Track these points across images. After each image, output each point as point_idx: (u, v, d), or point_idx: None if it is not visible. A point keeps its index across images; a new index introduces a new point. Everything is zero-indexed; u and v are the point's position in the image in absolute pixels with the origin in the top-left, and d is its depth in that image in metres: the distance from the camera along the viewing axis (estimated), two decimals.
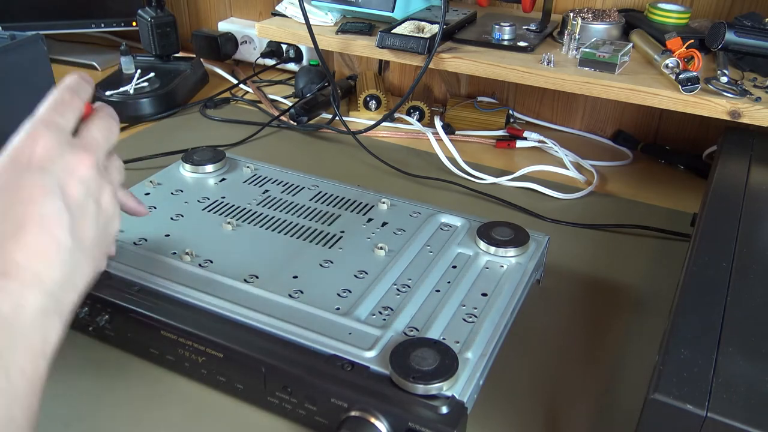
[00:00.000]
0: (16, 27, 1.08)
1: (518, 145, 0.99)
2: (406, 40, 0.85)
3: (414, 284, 0.56)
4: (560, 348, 0.59)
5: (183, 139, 0.98)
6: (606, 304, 0.66)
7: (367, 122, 1.01)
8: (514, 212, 0.81)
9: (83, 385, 0.53)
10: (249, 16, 1.30)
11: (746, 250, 0.49)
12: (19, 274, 0.35)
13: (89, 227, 0.41)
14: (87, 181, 0.41)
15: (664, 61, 0.77)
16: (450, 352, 0.47)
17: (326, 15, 0.96)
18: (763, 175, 0.63)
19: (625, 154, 0.98)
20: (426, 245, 0.62)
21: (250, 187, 0.72)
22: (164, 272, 0.56)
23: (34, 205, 0.37)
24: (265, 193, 0.70)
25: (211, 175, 0.74)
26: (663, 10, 0.89)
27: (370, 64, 1.18)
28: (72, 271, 0.39)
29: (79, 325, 0.57)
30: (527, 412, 0.53)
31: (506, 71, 0.82)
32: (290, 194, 0.70)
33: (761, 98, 0.72)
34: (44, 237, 0.37)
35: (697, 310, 0.43)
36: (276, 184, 0.72)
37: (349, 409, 0.45)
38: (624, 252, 0.74)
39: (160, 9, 1.13)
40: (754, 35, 0.71)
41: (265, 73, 1.24)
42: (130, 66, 1.11)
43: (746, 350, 0.39)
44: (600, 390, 0.55)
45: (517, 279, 0.58)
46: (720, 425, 0.35)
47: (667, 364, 0.38)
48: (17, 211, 0.37)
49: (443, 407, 0.43)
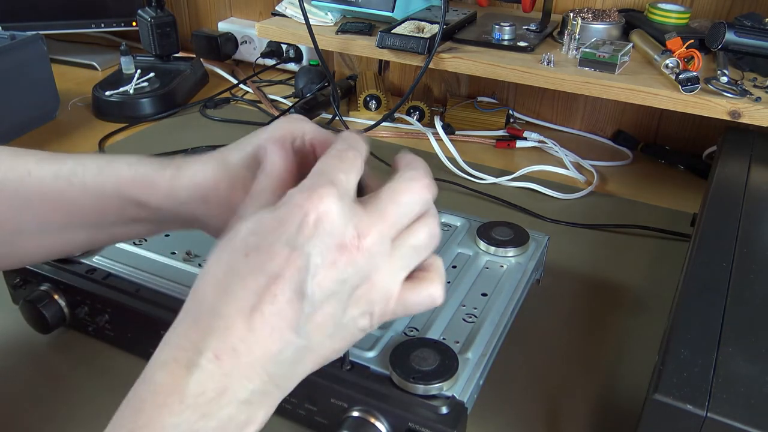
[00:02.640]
0: (16, 27, 1.08)
1: (518, 145, 0.99)
2: (406, 40, 0.85)
3: None
4: (560, 348, 0.59)
5: (183, 139, 0.98)
6: (606, 304, 0.66)
7: (367, 122, 1.01)
8: (514, 212, 0.81)
9: (83, 385, 0.53)
10: (249, 16, 1.30)
11: (746, 250, 0.49)
12: (233, 360, 0.30)
13: (327, 323, 0.33)
14: (348, 268, 0.32)
15: (664, 61, 0.77)
16: (450, 352, 0.47)
17: (326, 15, 0.96)
18: (763, 175, 0.63)
19: (625, 154, 0.98)
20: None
21: None
22: (164, 272, 0.56)
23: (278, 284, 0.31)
24: None
25: None
26: (663, 10, 0.89)
27: (370, 64, 1.18)
28: (289, 368, 0.33)
29: (79, 325, 0.57)
30: (527, 412, 0.53)
31: (506, 71, 0.82)
32: None
33: (761, 98, 0.72)
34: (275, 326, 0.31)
35: (697, 310, 0.43)
36: None
37: (349, 409, 0.45)
38: (624, 252, 0.74)
39: (160, 9, 1.13)
40: (754, 35, 0.71)
41: (265, 73, 1.24)
42: (130, 66, 1.11)
43: (746, 350, 0.39)
44: (600, 390, 0.55)
45: (517, 279, 0.58)
46: (720, 425, 0.35)
47: (667, 364, 0.38)
48: (257, 283, 0.31)
49: (443, 407, 0.43)
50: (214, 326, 0.31)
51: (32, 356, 0.56)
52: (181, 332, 0.32)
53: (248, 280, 0.31)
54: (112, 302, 0.54)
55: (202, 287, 0.33)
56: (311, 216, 0.31)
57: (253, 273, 0.31)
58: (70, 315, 0.57)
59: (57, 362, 0.56)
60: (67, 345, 0.58)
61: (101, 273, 0.56)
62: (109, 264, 0.57)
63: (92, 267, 0.56)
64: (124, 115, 1.04)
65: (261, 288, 0.31)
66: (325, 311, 0.32)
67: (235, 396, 0.31)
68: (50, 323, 0.56)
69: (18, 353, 0.56)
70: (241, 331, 0.31)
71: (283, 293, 0.31)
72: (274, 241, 0.31)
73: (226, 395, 0.30)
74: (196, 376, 0.30)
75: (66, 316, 0.57)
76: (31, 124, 1.00)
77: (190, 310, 0.33)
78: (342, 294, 0.32)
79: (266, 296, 0.31)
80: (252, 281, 0.31)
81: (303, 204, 0.31)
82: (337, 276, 0.32)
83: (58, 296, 0.56)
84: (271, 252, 0.31)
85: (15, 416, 0.51)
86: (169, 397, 0.30)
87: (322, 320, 0.32)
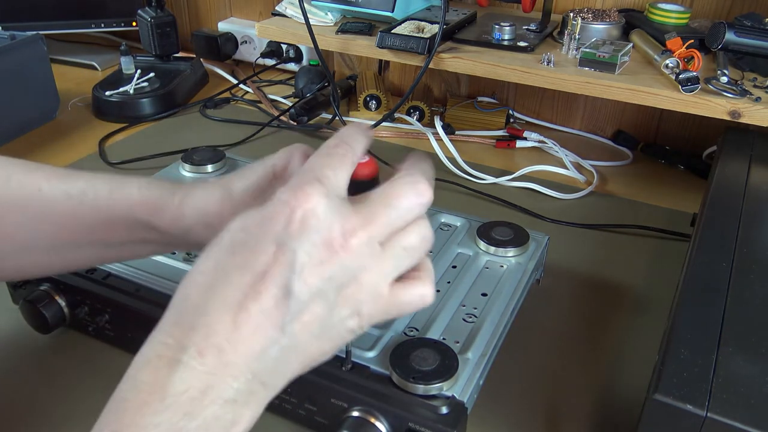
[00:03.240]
0: (16, 27, 1.08)
1: (518, 145, 0.99)
2: (406, 40, 0.85)
3: None
4: (560, 348, 0.59)
5: (183, 139, 0.98)
6: (606, 304, 0.66)
7: (367, 122, 1.01)
8: (514, 212, 0.81)
9: (83, 385, 0.53)
10: (249, 16, 1.30)
11: (746, 250, 0.49)
12: (217, 358, 0.30)
13: (314, 323, 0.32)
14: (335, 266, 0.32)
15: (664, 61, 0.77)
16: (450, 352, 0.47)
17: (326, 15, 0.96)
18: (763, 175, 0.63)
19: (625, 154, 0.98)
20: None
21: None
22: (164, 272, 0.56)
23: (263, 282, 0.30)
24: None
25: (210, 175, 0.74)
26: (663, 10, 0.89)
27: (370, 64, 1.18)
28: (275, 367, 0.32)
29: (79, 325, 0.57)
30: (527, 411, 0.53)
31: (506, 71, 0.82)
32: None
33: (761, 98, 0.72)
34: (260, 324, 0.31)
35: (697, 310, 0.43)
36: None
37: (349, 409, 0.45)
38: (624, 252, 0.74)
39: (160, 9, 1.13)
40: (754, 35, 0.71)
41: (265, 73, 1.24)
42: (130, 66, 1.11)
43: (746, 350, 0.39)
44: (600, 390, 0.55)
45: (517, 279, 0.58)
46: (720, 425, 0.35)
47: (667, 364, 0.38)
48: (244, 280, 0.31)
49: (443, 407, 0.43)
50: (199, 323, 0.31)
51: (32, 356, 0.56)
52: (165, 329, 0.32)
53: (234, 277, 0.31)
54: (112, 302, 0.54)
55: (188, 285, 0.32)
56: (297, 213, 0.31)
57: (239, 270, 0.31)
58: (70, 315, 0.57)
59: (57, 362, 0.56)
60: (67, 345, 0.58)
61: (101, 273, 0.56)
62: (109, 264, 0.57)
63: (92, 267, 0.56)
64: (124, 115, 1.04)
65: (247, 285, 0.31)
66: (312, 310, 0.32)
67: (219, 395, 0.30)
68: (50, 323, 0.56)
69: (18, 353, 0.56)
70: (226, 328, 0.30)
71: (269, 290, 0.31)
72: (260, 239, 0.31)
73: (210, 394, 0.30)
74: (179, 374, 0.29)
75: (66, 316, 0.57)
76: (31, 124, 1.00)
77: (175, 307, 0.32)
78: (329, 293, 0.32)
79: (252, 293, 0.30)
80: (238, 278, 0.31)
81: (289, 201, 0.31)
82: (324, 274, 0.31)
83: (58, 296, 0.56)
84: (257, 249, 0.31)
85: (15, 416, 0.51)
86: (150, 396, 0.29)
87: (309, 319, 0.32)
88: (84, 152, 0.94)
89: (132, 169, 0.88)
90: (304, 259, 0.31)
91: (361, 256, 0.33)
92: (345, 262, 0.32)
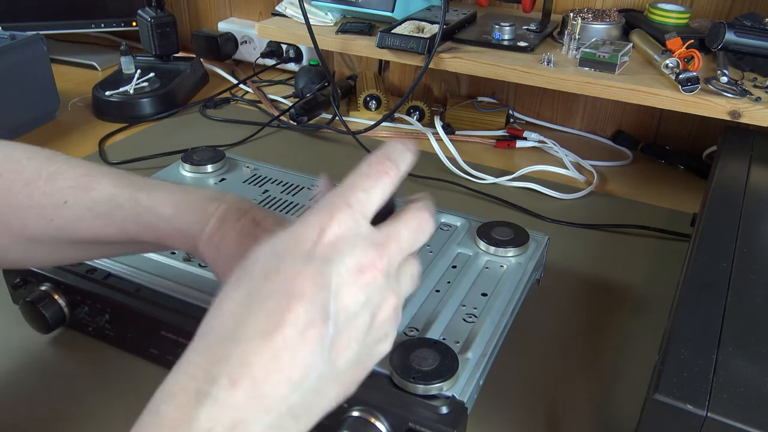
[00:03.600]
0: (16, 27, 1.08)
1: (518, 145, 0.99)
2: (406, 40, 0.85)
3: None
4: (560, 348, 0.59)
5: (183, 139, 0.98)
6: (606, 304, 0.66)
7: (367, 122, 1.01)
8: (514, 212, 0.81)
9: (83, 385, 0.53)
10: (249, 16, 1.30)
11: (746, 250, 0.49)
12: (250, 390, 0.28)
13: (351, 347, 0.31)
14: (370, 289, 0.31)
15: (664, 61, 0.77)
16: (450, 352, 0.47)
17: (326, 15, 0.96)
18: (763, 175, 0.63)
19: (625, 154, 0.98)
20: (426, 245, 0.62)
21: (249, 187, 0.72)
22: (164, 272, 0.56)
23: (300, 304, 0.29)
24: (264, 193, 0.70)
25: (210, 175, 0.74)
26: (663, 10, 0.89)
27: (370, 64, 1.18)
28: (311, 399, 0.30)
29: (79, 325, 0.57)
30: (527, 411, 0.53)
31: (506, 71, 0.82)
32: (290, 194, 0.70)
33: (761, 98, 0.72)
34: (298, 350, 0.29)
35: (697, 310, 0.43)
36: (276, 184, 0.72)
37: (349, 408, 0.45)
38: (624, 252, 0.74)
39: (160, 9, 1.13)
40: (754, 35, 0.71)
41: (265, 73, 1.24)
42: (130, 66, 1.11)
43: (746, 350, 0.39)
44: (600, 390, 0.55)
45: (517, 279, 0.58)
46: (720, 425, 0.35)
47: (667, 364, 0.38)
48: (279, 304, 0.29)
49: (443, 407, 0.43)
50: (231, 352, 0.28)
51: (32, 356, 0.56)
52: (192, 359, 0.29)
53: (269, 302, 0.29)
54: (112, 302, 0.54)
55: (217, 314, 0.30)
56: (327, 235, 0.30)
57: (274, 294, 0.29)
58: (70, 315, 0.57)
59: (57, 362, 0.56)
60: (67, 345, 0.58)
61: (101, 273, 0.56)
62: (109, 264, 0.57)
63: (92, 267, 0.56)
64: (124, 115, 1.04)
65: (282, 309, 0.29)
66: (349, 334, 0.31)
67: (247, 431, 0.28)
68: (50, 323, 0.56)
69: (18, 353, 0.56)
70: (262, 357, 0.28)
71: (306, 313, 0.29)
72: (294, 261, 0.30)
73: (238, 430, 0.28)
74: (207, 409, 0.27)
75: (66, 316, 0.57)
76: (31, 124, 1.00)
77: (202, 338, 0.30)
78: (365, 316, 0.31)
79: (288, 316, 0.29)
80: (273, 302, 0.29)
81: (318, 223, 0.31)
82: (360, 296, 0.31)
83: (58, 296, 0.56)
84: (292, 272, 0.30)
85: (15, 416, 0.51)
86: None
87: (347, 343, 0.31)
88: (84, 152, 0.94)
89: (132, 168, 0.88)
90: (339, 280, 0.30)
91: (389, 277, 0.32)
92: (379, 284, 0.31)
